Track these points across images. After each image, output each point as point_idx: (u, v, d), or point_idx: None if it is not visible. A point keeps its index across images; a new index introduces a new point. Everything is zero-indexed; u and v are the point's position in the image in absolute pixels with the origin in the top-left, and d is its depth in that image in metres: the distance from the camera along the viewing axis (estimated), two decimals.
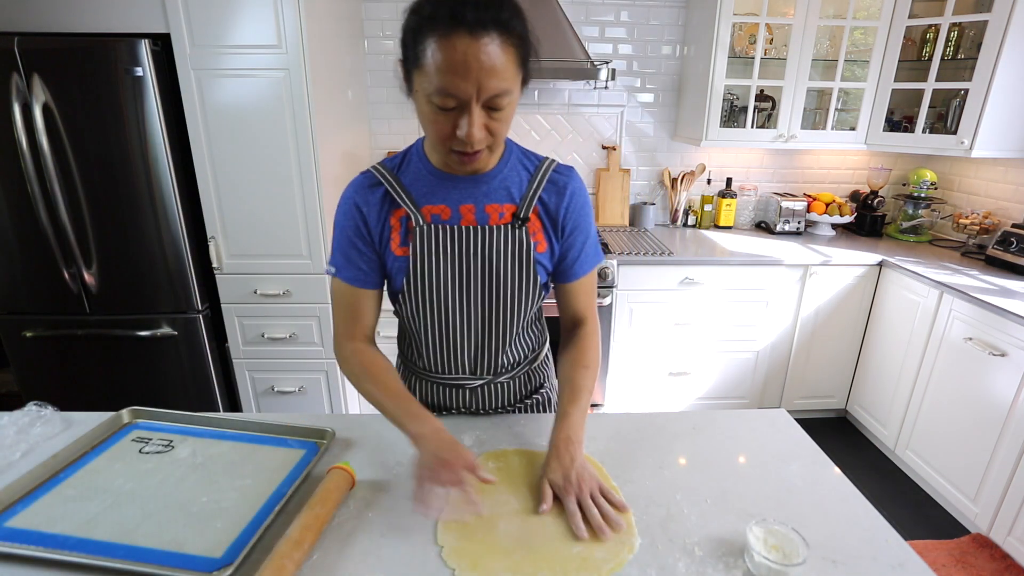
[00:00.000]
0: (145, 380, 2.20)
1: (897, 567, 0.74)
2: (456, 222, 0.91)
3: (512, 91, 0.75)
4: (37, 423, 1.02)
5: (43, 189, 1.91)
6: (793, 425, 1.08)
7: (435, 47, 0.70)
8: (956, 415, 2.02)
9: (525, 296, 0.95)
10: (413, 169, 0.92)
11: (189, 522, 0.79)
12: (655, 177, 2.92)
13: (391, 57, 2.63)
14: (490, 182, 0.91)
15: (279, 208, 2.05)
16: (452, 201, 0.91)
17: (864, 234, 2.78)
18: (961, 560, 1.83)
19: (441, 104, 0.74)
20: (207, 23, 1.83)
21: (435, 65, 0.71)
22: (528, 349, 1.07)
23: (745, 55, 2.51)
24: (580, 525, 0.77)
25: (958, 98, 2.35)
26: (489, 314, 0.96)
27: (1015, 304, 1.82)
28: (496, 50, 0.70)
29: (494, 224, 0.91)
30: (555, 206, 0.94)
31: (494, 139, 0.80)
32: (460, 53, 0.69)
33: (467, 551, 0.74)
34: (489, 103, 0.74)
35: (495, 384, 1.06)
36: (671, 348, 2.50)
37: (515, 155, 0.95)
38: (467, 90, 0.71)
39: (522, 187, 0.93)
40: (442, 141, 0.79)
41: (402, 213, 0.91)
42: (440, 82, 0.71)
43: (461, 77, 0.70)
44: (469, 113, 0.74)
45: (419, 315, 0.96)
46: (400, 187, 0.91)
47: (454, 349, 1.00)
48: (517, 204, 0.92)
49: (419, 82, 0.75)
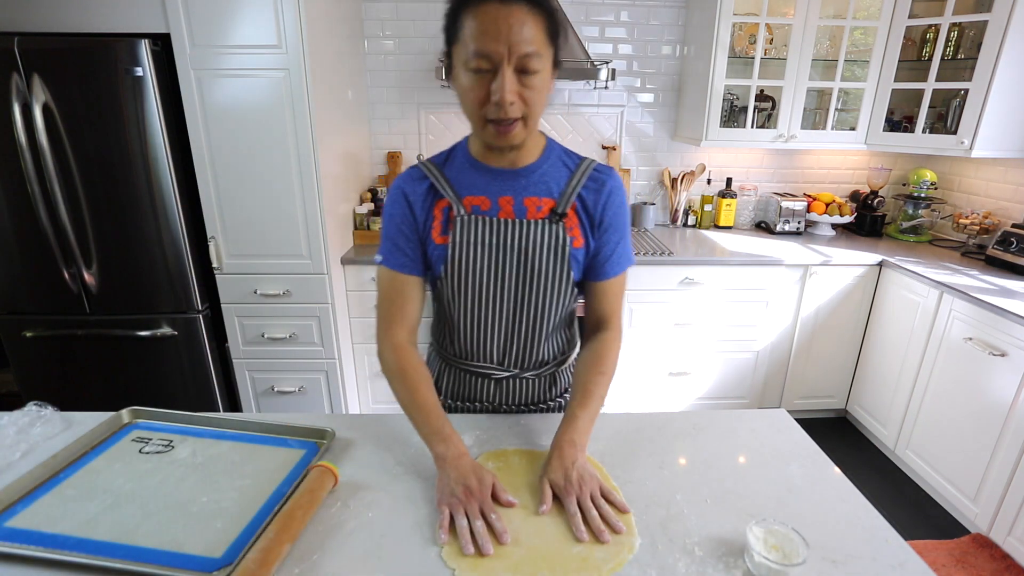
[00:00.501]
0: (145, 380, 2.20)
1: (897, 567, 0.74)
2: (495, 213, 0.95)
3: (542, 55, 0.81)
4: (37, 423, 1.02)
5: (43, 189, 1.91)
6: (793, 425, 1.08)
7: (470, 17, 0.78)
8: (956, 415, 2.01)
9: (558, 290, 0.98)
10: (457, 163, 0.97)
11: (189, 522, 0.79)
12: (655, 177, 2.92)
13: (391, 57, 2.63)
14: (529, 176, 0.95)
15: (279, 208, 2.05)
16: (492, 193, 0.95)
17: (864, 234, 2.78)
18: (961, 560, 1.83)
19: (476, 67, 0.80)
20: (207, 23, 1.83)
21: (470, 32, 0.78)
22: (558, 351, 1.08)
23: (745, 55, 2.51)
24: (580, 527, 0.77)
25: (958, 98, 2.35)
26: (522, 305, 0.98)
27: (1015, 304, 1.82)
28: (524, 15, 0.78)
29: (531, 218, 0.95)
30: (593, 203, 0.96)
31: (528, 109, 0.83)
32: (491, 18, 0.77)
33: (466, 553, 0.74)
34: (521, 65, 0.79)
35: (520, 379, 1.07)
36: (671, 348, 2.50)
37: (556, 152, 0.98)
38: (498, 50, 0.78)
39: (561, 184, 0.96)
40: (479, 109, 0.83)
41: (444, 203, 0.95)
42: (475, 46, 0.78)
43: (492, 38, 0.77)
44: (502, 75, 0.79)
45: (455, 301, 0.98)
46: (444, 179, 0.96)
47: (486, 336, 1.02)
48: (556, 200, 0.95)
49: (458, 55, 0.82)
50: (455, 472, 0.82)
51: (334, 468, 0.85)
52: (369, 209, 2.46)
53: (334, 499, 0.85)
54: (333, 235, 2.18)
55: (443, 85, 2.63)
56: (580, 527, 0.77)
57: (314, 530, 0.78)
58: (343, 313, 2.31)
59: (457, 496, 0.79)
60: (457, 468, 0.83)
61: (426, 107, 2.71)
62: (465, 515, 0.77)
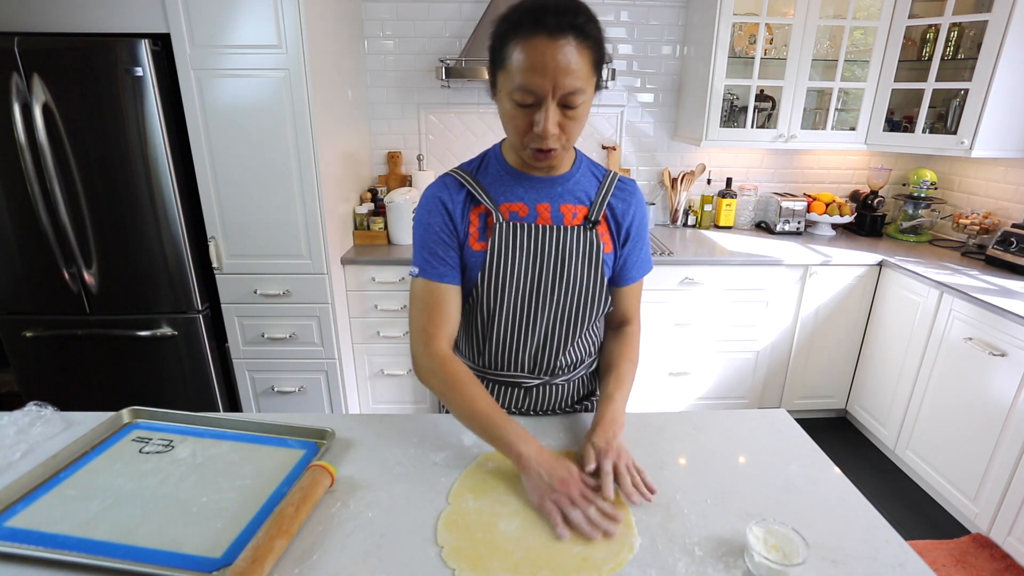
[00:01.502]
0: (145, 380, 2.20)
1: (897, 567, 0.74)
2: (533, 219, 0.96)
3: (585, 91, 0.81)
4: (37, 423, 1.02)
5: (43, 189, 1.91)
6: (793, 425, 1.08)
7: (518, 49, 0.79)
8: (956, 415, 2.01)
9: (593, 295, 1.00)
10: (492, 171, 0.98)
11: (189, 522, 0.79)
12: (655, 177, 2.92)
13: (391, 57, 2.63)
14: (565, 184, 0.98)
15: (279, 208, 2.05)
16: (530, 199, 0.96)
17: (864, 234, 2.78)
18: (961, 560, 1.83)
19: (521, 100, 0.81)
20: (207, 23, 1.83)
21: (517, 65, 0.79)
22: (586, 353, 1.09)
23: (745, 55, 2.51)
24: (610, 485, 0.81)
25: (958, 98, 2.35)
26: (559, 310, 1.00)
27: (1015, 304, 1.82)
28: (572, 52, 0.77)
29: (568, 224, 0.97)
30: (621, 212, 1.01)
31: (567, 138, 0.86)
32: (539, 53, 0.77)
33: (467, 551, 0.74)
34: (564, 100, 0.80)
35: (551, 385, 1.08)
36: (671, 348, 2.50)
37: (585, 163, 1.02)
38: (544, 86, 0.79)
39: (591, 193, 0.99)
40: (520, 137, 0.85)
41: (481, 210, 0.96)
42: (521, 80, 0.79)
43: (539, 74, 0.78)
44: (545, 109, 0.81)
45: (492, 307, 0.99)
46: (480, 187, 0.96)
47: (519, 345, 1.02)
48: (588, 207, 0.98)
49: (503, 82, 0.83)
50: (544, 468, 0.83)
51: (330, 467, 0.85)
52: (369, 209, 2.46)
53: (334, 499, 0.85)
54: (333, 235, 2.18)
55: (443, 85, 2.63)
56: (609, 485, 0.81)
57: (313, 530, 0.78)
58: (343, 313, 2.31)
59: (556, 490, 0.80)
60: (544, 464, 0.83)
61: (426, 107, 2.71)
62: (572, 505, 0.79)
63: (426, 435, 1.01)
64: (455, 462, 0.94)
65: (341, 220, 2.31)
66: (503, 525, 0.79)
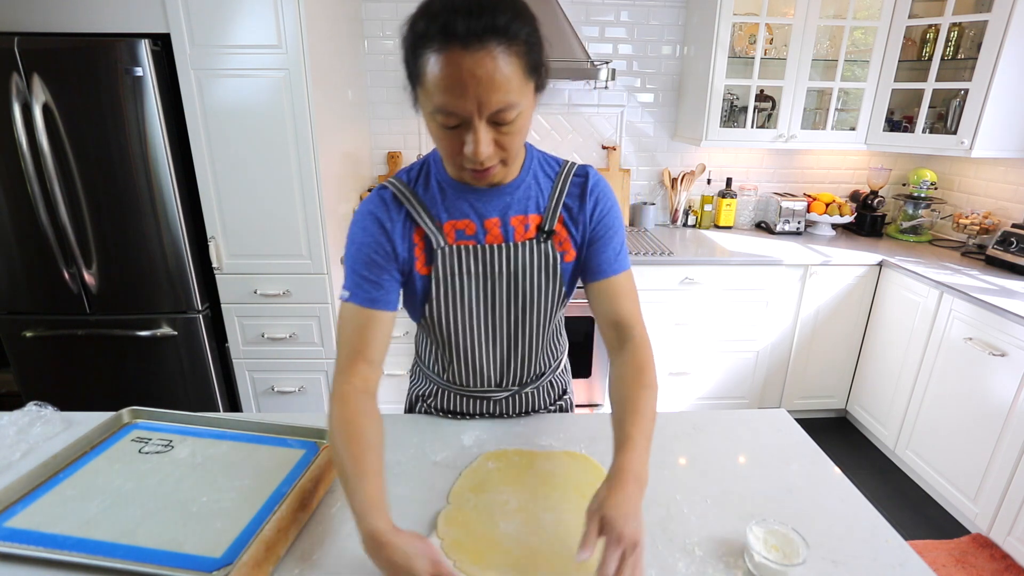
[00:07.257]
0: (145, 380, 2.20)
1: (897, 567, 0.74)
2: (482, 238, 0.87)
3: (519, 103, 0.69)
4: (37, 423, 1.02)
5: (43, 189, 1.91)
6: (793, 425, 1.08)
7: (431, 64, 0.66)
8: (956, 415, 2.01)
9: (550, 308, 0.93)
10: (433, 182, 0.87)
11: (189, 522, 0.79)
12: (655, 177, 2.92)
13: (391, 57, 2.63)
14: (513, 193, 0.87)
15: (279, 208, 2.05)
16: (476, 215, 0.87)
17: (864, 234, 2.78)
18: (961, 560, 1.83)
19: (444, 123, 0.70)
20: (207, 23, 1.83)
21: (433, 83, 0.66)
22: (552, 358, 1.06)
23: (745, 55, 2.51)
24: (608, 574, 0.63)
25: (958, 98, 2.35)
26: (515, 328, 0.94)
27: (1015, 304, 1.82)
28: (494, 63, 0.64)
29: (519, 239, 0.88)
30: (578, 210, 0.90)
31: (506, 153, 0.75)
32: (454, 68, 0.64)
33: (467, 545, 0.74)
34: (494, 118, 0.69)
35: (520, 395, 1.06)
36: (671, 348, 2.50)
37: (536, 163, 0.90)
38: (466, 107, 0.67)
39: (545, 196, 0.89)
40: (452, 158, 0.75)
41: (423, 231, 0.86)
42: (439, 100, 0.67)
43: (458, 95, 0.66)
44: (474, 131, 0.69)
45: (447, 332, 0.93)
46: (419, 204, 0.86)
47: (482, 363, 0.98)
48: (542, 214, 0.88)
49: (423, 100, 0.71)
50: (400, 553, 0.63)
51: None
52: None
53: (334, 499, 0.85)
54: (333, 235, 2.18)
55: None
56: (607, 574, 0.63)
57: (313, 530, 0.78)
58: None
59: None
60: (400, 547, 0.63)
61: None
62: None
63: (426, 435, 1.01)
64: (455, 462, 0.94)
65: (341, 220, 2.31)
66: (503, 524, 0.79)
